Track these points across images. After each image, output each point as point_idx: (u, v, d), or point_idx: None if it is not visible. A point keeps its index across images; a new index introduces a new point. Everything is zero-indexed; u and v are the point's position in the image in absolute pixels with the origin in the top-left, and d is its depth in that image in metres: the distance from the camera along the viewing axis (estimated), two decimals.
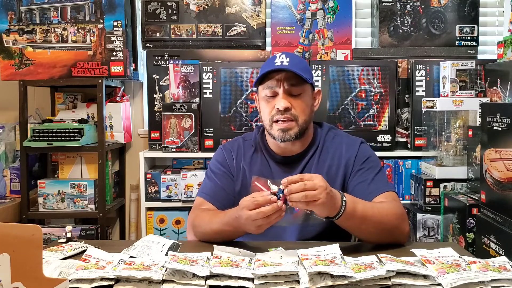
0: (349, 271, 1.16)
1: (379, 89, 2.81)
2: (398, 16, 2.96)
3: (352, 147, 1.77)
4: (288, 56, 1.71)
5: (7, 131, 3.01)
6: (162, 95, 2.95)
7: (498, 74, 2.56)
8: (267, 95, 1.71)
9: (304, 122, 1.71)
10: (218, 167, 1.83)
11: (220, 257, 1.30)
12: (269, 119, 1.71)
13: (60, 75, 2.87)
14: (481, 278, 1.15)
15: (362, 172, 1.72)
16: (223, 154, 1.85)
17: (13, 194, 2.93)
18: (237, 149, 1.85)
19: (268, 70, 1.70)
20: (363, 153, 1.76)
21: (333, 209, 1.42)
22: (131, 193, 3.20)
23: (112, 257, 1.35)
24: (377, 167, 1.75)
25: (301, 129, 1.70)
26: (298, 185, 1.35)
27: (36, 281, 0.96)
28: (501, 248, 1.94)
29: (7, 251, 0.91)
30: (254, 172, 1.78)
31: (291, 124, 1.68)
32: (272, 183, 1.48)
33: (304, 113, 1.71)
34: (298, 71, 1.67)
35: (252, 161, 1.80)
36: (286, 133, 1.68)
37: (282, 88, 1.68)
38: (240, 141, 1.88)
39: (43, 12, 2.86)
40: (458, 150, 2.62)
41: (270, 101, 1.71)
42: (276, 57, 1.72)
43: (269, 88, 1.70)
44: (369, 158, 1.75)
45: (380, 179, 1.71)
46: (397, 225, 1.54)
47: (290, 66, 1.67)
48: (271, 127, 1.71)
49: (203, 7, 2.98)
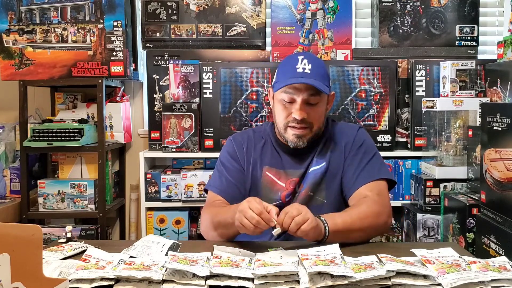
0: (349, 271, 1.16)
1: (379, 89, 2.81)
2: (398, 16, 2.96)
3: (351, 132, 1.84)
4: (310, 62, 1.70)
5: (7, 131, 3.01)
6: (162, 95, 2.95)
7: (498, 74, 2.56)
8: (285, 99, 1.72)
9: (318, 129, 1.77)
10: (229, 160, 1.86)
11: (220, 257, 1.30)
12: (284, 124, 1.74)
13: (60, 75, 2.87)
14: (481, 278, 1.15)
15: (356, 156, 1.78)
16: (233, 146, 1.88)
17: (13, 194, 2.93)
18: (248, 140, 1.88)
19: (290, 82, 1.69)
20: (359, 137, 1.82)
21: (319, 226, 1.48)
22: (131, 193, 3.20)
23: (112, 257, 1.35)
24: (372, 151, 1.81)
25: (314, 135, 1.77)
26: (288, 219, 1.43)
27: (36, 281, 0.96)
28: (501, 248, 1.93)
29: (7, 251, 0.91)
30: (265, 163, 1.82)
31: (306, 131, 1.73)
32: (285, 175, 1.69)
33: (319, 121, 1.76)
34: (319, 81, 1.68)
35: (263, 152, 1.84)
36: (300, 139, 1.73)
37: (301, 98, 1.69)
38: (250, 132, 1.92)
39: (43, 12, 2.86)
40: (458, 150, 2.62)
41: (287, 106, 1.73)
42: (298, 61, 1.71)
43: (288, 93, 1.71)
44: (365, 142, 1.82)
45: (373, 166, 1.76)
46: (378, 224, 1.64)
47: (312, 75, 1.68)
48: (285, 131, 1.75)
49: (203, 7, 2.98)
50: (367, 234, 1.63)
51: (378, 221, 1.63)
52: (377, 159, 1.80)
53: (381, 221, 1.64)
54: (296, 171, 1.79)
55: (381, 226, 1.65)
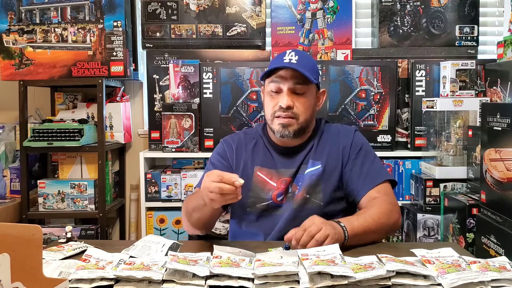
0: (349, 271, 1.16)
1: (379, 89, 2.81)
2: (398, 16, 2.96)
3: (348, 135, 1.83)
4: (298, 54, 1.73)
5: (7, 131, 3.01)
6: (162, 95, 2.95)
7: (498, 74, 2.56)
8: (272, 90, 1.75)
9: (305, 121, 1.76)
10: (218, 159, 1.87)
11: (220, 257, 1.30)
12: (271, 114, 1.75)
13: (60, 75, 2.88)
14: (481, 278, 1.15)
15: (356, 161, 1.78)
16: (223, 147, 1.90)
17: (13, 194, 2.93)
18: (238, 141, 1.89)
19: (275, 66, 1.73)
20: (356, 141, 1.82)
21: (339, 235, 1.48)
22: (131, 193, 3.20)
23: (112, 257, 1.35)
24: (371, 154, 1.82)
25: (300, 127, 1.75)
26: (306, 238, 1.42)
27: (36, 281, 0.96)
28: (501, 248, 1.94)
29: (7, 251, 0.91)
30: (257, 162, 1.83)
31: (292, 121, 1.73)
32: (277, 175, 1.70)
33: (306, 112, 1.75)
34: (305, 71, 1.70)
35: (254, 152, 1.85)
36: (286, 128, 1.73)
37: (287, 86, 1.72)
38: (241, 134, 1.93)
39: (43, 12, 2.86)
40: (458, 150, 2.62)
41: (274, 97, 1.75)
42: (285, 54, 1.75)
43: (275, 83, 1.74)
44: (363, 146, 1.82)
45: (374, 169, 1.77)
46: (391, 222, 1.66)
47: (297, 65, 1.70)
48: (272, 122, 1.76)
49: (203, 7, 2.98)
50: (381, 234, 1.65)
51: (390, 220, 1.65)
52: (377, 162, 1.82)
53: (393, 219, 1.66)
54: (288, 170, 1.79)
55: (393, 224, 1.67)
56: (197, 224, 1.71)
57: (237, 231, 1.82)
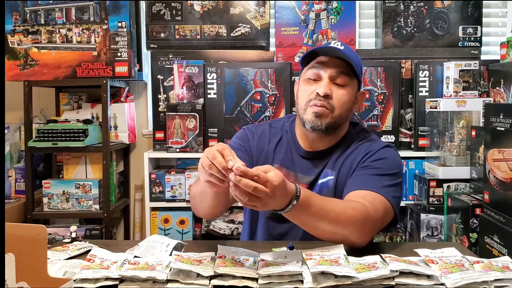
0: (352, 271, 1.16)
1: (383, 89, 2.82)
2: (401, 16, 2.96)
3: (372, 147, 1.63)
4: (344, 45, 1.59)
5: (12, 131, 3.03)
6: (166, 96, 2.96)
7: (501, 74, 2.56)
8: (310, 77, 1.61)
9: (339, 116, 1.60)
10: (237, 142, 1.75)
11: (224, 257, 1.30)
12: (305, 103, 1.60)
13: (64, 76, 2.89)
14: (484, 278, 1.15)
15: (365, 168, 1.58)
16: (245, 133, 1.78)
17: (18, 194, 2.94)
18: (261, 133, 1.76)
19: (321, 47, 1.59)
20: (379, 155, 1.60)
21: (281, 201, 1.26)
22: (135, 193, 3.21)
23: (117, 257, 1.35)
24: (389, 170, 1.57)
25: (334, 122, 1.59)
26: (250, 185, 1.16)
27: (41, 281, 0.96)
28: (504, 248, 1.93)
29: (12, 251, 0.92)
30: (277, 161, 1.68)
31: (326, 111, 1.57)
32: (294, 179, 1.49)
33: (342, 107, 1.59)
34: (351, 61, 1.56)
35: (277, 149, 1.72)
36: (319, 119, 1.57)
37: (328, 73, 1.58)
38: (266, 126, 1.79)
39: (48, 12, 2.88)
40: (461, 151, 2.62)
41: (311, 84, 1.61)
42: (330, 43, 1.62)
43: (315, 68, 1.60)
44: (384, 160, 1.59)
45: (381, 182, 1.53)
46: (352, 231, 1.39)
47: (344, 52, 1.56)
48: (304, 111, 1.60)
49: (207, 8, 2.99)
50: (333, 233, 1.37)
51: (355, 227, 1.38)
52: (389, 180, 1.55)
53: (358, 230, 1.38)
54: (306, 177, 1.66)
55: (353, 235, 1.39)
56: (202, 208, 1.57)
57: (248, 231, 1.76)
